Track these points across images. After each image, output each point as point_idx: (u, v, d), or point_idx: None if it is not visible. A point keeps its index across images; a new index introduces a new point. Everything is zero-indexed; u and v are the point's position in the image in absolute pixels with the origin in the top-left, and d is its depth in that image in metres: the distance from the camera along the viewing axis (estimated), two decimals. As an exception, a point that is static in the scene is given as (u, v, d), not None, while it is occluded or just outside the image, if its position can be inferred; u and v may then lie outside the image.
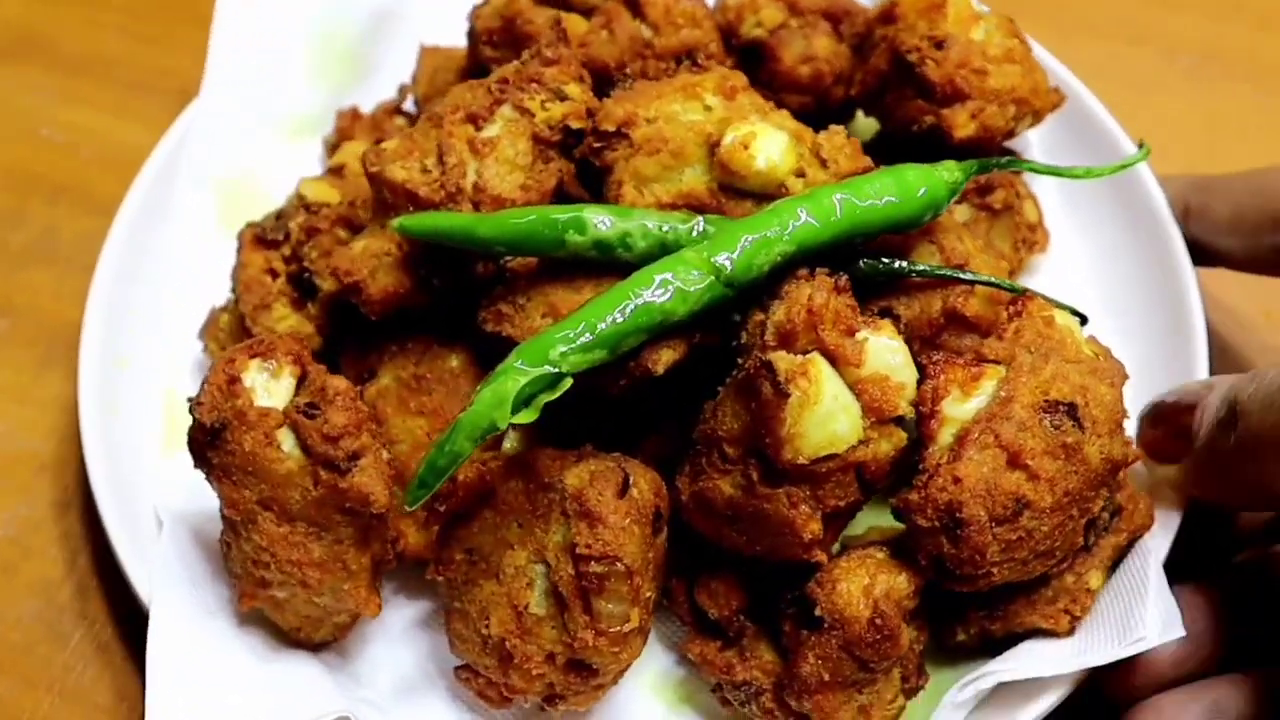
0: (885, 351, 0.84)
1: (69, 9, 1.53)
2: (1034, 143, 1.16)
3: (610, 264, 0.90)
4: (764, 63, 1.14)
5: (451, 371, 0.97)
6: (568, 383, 0.81)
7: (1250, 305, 1.13)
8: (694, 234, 0.89)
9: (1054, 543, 0.86)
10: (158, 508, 0.98)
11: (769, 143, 0.92)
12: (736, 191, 0.93)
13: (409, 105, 1.22)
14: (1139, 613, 0.86)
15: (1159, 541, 0.92)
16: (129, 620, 1.04)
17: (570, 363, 0.81)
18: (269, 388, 0.87)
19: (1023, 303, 0.89)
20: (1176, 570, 0.91)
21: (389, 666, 0.96)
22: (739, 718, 0.93)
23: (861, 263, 0.91)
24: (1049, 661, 0.87)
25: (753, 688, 0.90)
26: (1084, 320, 0.92)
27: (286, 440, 0.85)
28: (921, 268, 0.92)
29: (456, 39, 1.22)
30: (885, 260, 0.91)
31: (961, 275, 0.92)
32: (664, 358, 0.86)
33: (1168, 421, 0.93)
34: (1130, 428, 0.90)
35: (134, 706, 1.00)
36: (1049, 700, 0.87)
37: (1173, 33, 1.48)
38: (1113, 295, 1.11)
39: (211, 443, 0.86)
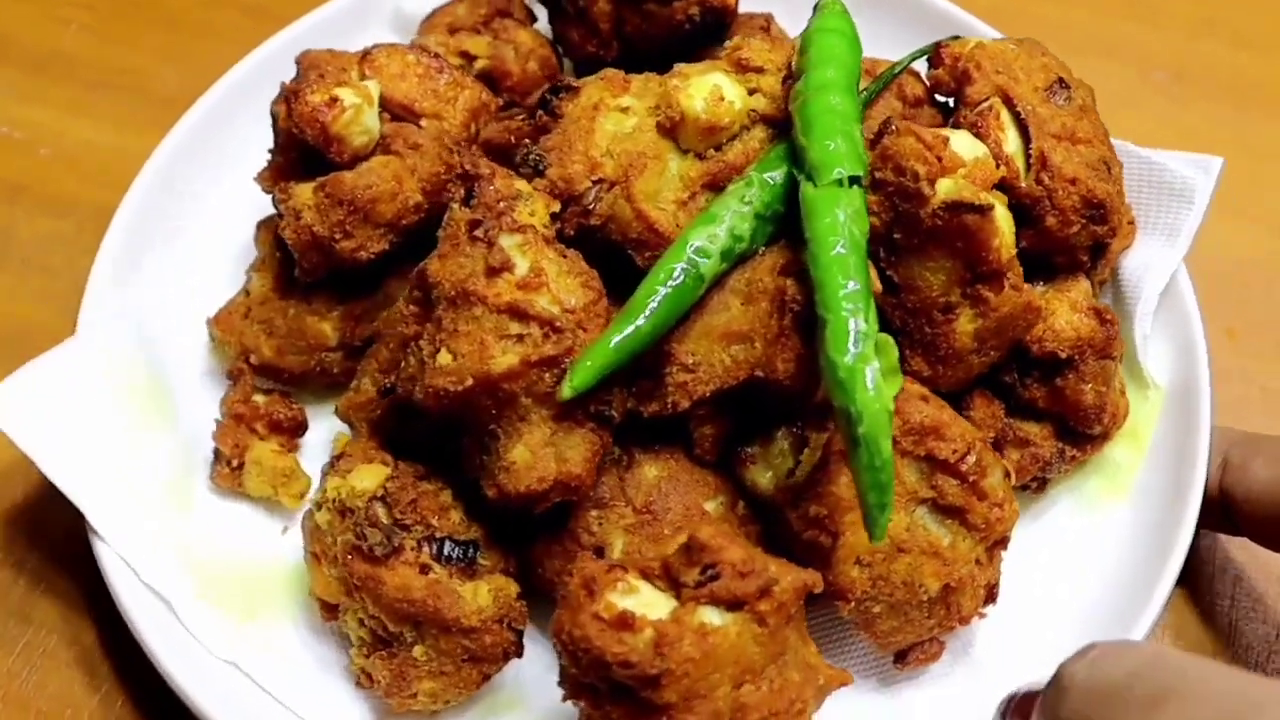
0: (965, 141, 0.94)
1: (27, 5, 1.47)
2: None
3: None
4: (502, 83, 1.13)
5: (655, 479, 0.92)
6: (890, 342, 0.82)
7: (1212, 324, 1.06)
8: (770, 183, 0.91)
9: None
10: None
11: (722, 85, 0.95)
12: (725, 143, 0.96)
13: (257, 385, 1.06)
14: (1170, 177, 1.06)
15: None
16: (74, 627, 1.03)
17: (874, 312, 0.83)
18: (649, 601, 0.79)
19: (952, 49, 1.02)
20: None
21: None
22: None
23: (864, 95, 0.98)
24: (1162, 268, 1.05)
25: (1054, 455, 1.00)
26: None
27: (715, 616, 0.79)
28: (885, 75, 1.01)
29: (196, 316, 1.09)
30: (865, 89, 0.99)
31: (899, 65, 1.02)
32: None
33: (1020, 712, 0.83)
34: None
35: (77, 712, 1.00)
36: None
37: (1146, 48, 1.43)
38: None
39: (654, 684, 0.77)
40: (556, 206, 0.92)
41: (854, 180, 0.87)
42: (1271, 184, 1.33)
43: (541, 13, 1.19)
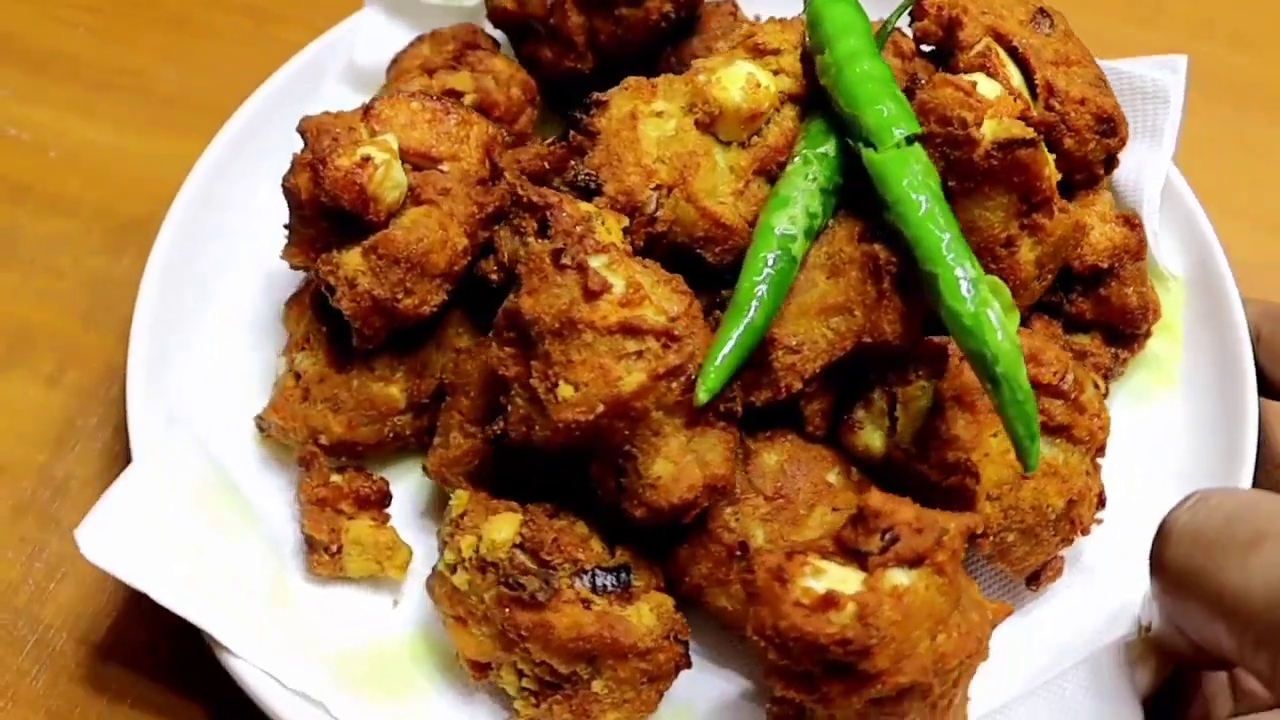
0: (985, 82, 0.98)
1: (31, 6, 1.49)
2: None
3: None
4: (490, 113, 1.12)
5: (777, 464, 0.94)
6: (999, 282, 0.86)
7: None
8: (825, 155, 0.93)
9: (1113, 94, 1.09)
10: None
11: (754, 72, 0.96)
12: (763, 128, 0.97)
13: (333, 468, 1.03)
14: (1140, 83, 1.13)
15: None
16: (83, 627, 1.05)
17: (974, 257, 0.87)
18: (838, 578, 0.81)
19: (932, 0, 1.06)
20: None
21: None
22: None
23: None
24: (1156, 168, 1.11)
25: (1112, 361, 1.05)
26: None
27: (903, 576, 0.81)
28: (881, 35, 1.03)
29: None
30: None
31: (889, 22, 1.05)
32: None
33: None
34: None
35: (85, 713, 1.01)
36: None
37: (1146, 48, 1.30)
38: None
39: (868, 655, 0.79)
40: (626, 221, 0.93)
41: (911, 138, 0.90)
42: (1271, 184, 1.35)
43: (500, 37, 1.19)
